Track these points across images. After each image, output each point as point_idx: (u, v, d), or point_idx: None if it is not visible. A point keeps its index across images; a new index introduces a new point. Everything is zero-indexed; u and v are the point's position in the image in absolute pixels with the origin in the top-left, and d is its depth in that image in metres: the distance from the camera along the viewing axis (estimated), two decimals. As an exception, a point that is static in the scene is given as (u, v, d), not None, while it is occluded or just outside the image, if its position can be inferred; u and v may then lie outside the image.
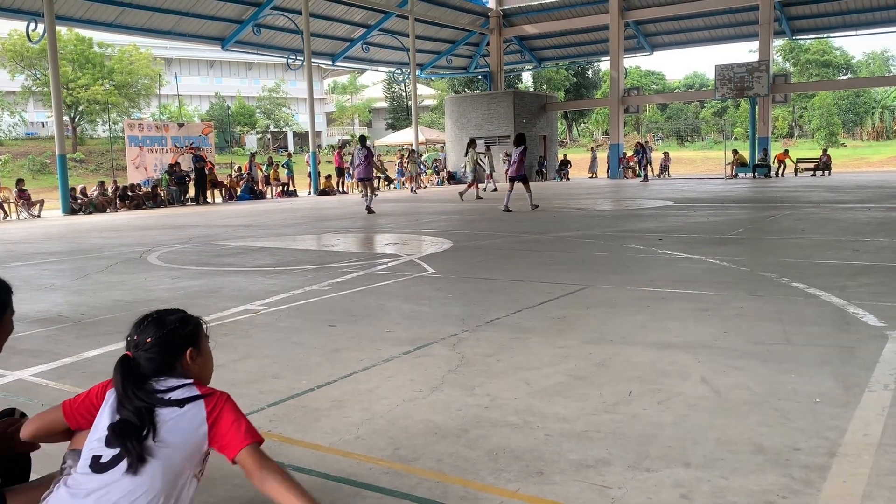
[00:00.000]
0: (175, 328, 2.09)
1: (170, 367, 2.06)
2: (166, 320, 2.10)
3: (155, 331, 2.07)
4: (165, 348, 2.05)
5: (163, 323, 2.09)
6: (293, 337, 4.61)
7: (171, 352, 2.06)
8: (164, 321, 2.09)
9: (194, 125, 28.92)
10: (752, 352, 3.90)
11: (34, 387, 3.77)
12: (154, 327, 2.08)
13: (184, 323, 2.12)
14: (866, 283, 5.73)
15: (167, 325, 2.08)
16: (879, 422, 2.85)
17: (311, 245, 10.35)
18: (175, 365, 2.07)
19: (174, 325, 2.09)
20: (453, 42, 37.66)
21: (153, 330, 2.07)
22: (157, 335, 2.06)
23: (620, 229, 10.73)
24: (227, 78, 66.11)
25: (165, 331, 2.07)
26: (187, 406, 1.96)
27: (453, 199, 20.52)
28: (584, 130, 67.80)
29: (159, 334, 2.06)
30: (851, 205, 13.74)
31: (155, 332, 2.06)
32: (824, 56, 58.89)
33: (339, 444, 2.84)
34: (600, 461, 2.59)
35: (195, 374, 2.10)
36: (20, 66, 40.62)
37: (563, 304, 5.35)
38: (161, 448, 1.89)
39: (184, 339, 2.09)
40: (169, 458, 1.89)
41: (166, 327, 2.08)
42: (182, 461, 1.92)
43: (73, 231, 14.18)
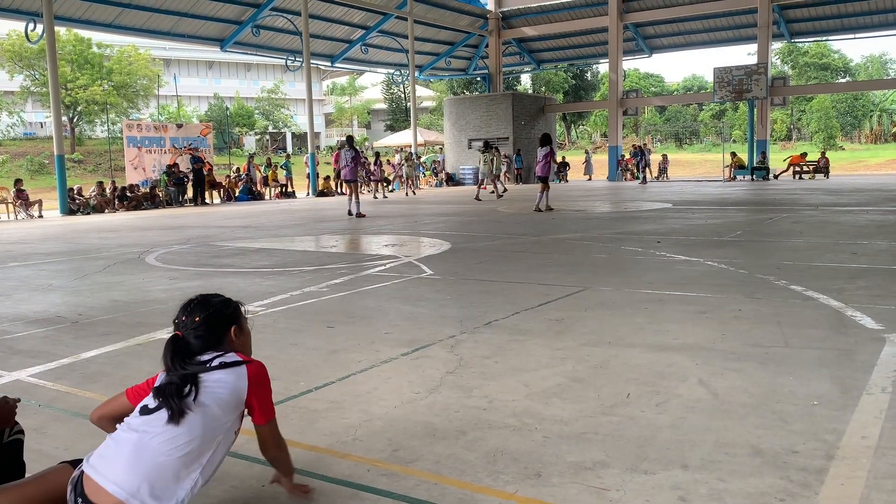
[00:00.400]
0: (220, 308, 2.32)
1: (217, 343, 2.27)
2: (211, 301, 2.32)
3: (202, 311, 2.28)
4: (213, 326, 2.27)
5: (208, 304, 2.31)
6: (291, 338, 4.60)
7: (217, 329, 2.28)
8: (209, 302, 2.32)
9: (193, 126, 28.91)
10: (749, 354, 3.90)
11: (32, 387, 3.76)
12: (201, 308, 2.29)
13: (227, 304, 2.35)
14: (864, 286, 5.74)
15: (212, 305, 2.31)
16: (877, 424, 2.86)
17: (309, 246, 10.35)
18: (221, 341, 2.28)
19: (219, 306, 2.32)
20: (452, 44, 37.68)
21: (200, 310, 2.28)
22: (205, 314, 2.28)
23: (619, 231, 10.73)
24: (226, 79, 66.12)
25: (212, 310, 2.29)
26: (230, 369, 2.19)
27: (452, 201, 20.53)
28: (582, 132, 67.84)
29: (206, 313, 2.28)
30: (849, 208, 13.76)
31: (202, 312, 2.28)
32: (823, 59, 58.96)
33: (337, 445, 2.84)
34: (598, 463, 2.59)
35: (238, 349, 2.32)
36: (19, 66, 40.60)
37: (562, 305, 5.35)
38: (201, 406, 2.10)
39: (228, 318, 2.32)
40: (209, 414, 2.11)
41: (212, 307, 2.30)
42: (222, 417, 2.13)
43: (71, 231, 14.16)
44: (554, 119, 39.00)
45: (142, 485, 1.98)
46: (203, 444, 2.09)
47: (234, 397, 2.17)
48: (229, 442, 2.20)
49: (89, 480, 2.02)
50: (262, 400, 2.23)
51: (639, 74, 66.50)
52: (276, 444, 2.30)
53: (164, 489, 2.01)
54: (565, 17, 35.67)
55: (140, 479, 1.99)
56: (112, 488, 1.98)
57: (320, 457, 2.74)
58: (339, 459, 2.71)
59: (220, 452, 2.17)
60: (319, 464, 2.68)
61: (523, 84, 60.62)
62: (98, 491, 1.99)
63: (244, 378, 2.20)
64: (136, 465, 2.00)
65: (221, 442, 2.15)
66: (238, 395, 2.18)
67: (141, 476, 1.99)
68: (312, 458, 2.72)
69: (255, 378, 2.22)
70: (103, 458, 2.06)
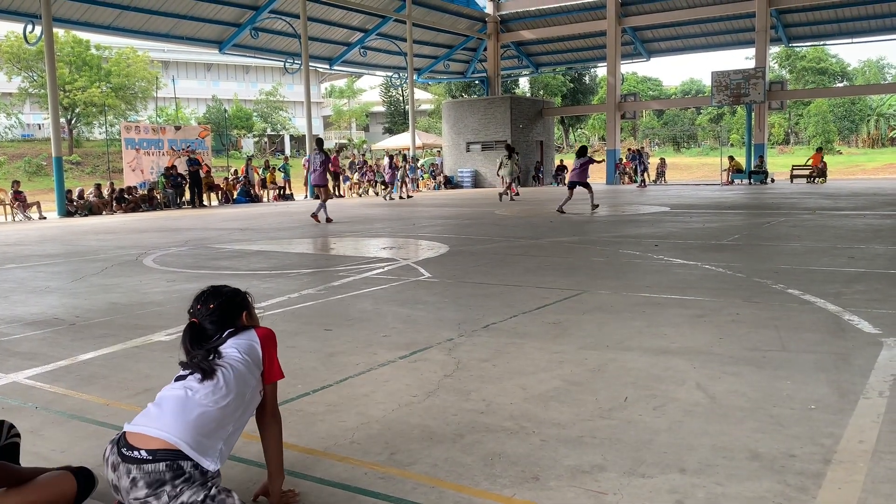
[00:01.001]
0: (231, 296, 2.52)
1: (231, 327, 2.45)
2: (222, 291, 2.52)
3: (215, 299, 2.47)
4: (226, 312, 2.46)
5: (220, 293, 2.50)
6: (288, 341, 4.60)
7: (230, 314, 2.46)
8: (220, 292, 2.51)
9: (191, 128, 28.88)
10: (747, 358, 3.90)
11: (29, 389, 3.75)
12: (214, 297, 2.48)
13: (237, 292, 2.55)
14: (861, 291, 5.75)
15: (224, 294, 2.51)
16: (874, 429, 2.86)
17: (307, 249, 10.35)
18: (235, 325, 2.46)
19: (230, 294, 2.52)
20: (451, 47, 37.71)
21: (214, 298, 2.47)
22: (219, 301, 2.47)
23: (616, 234, 10.74)
24: (225, 81, 66.17)
25: (224, 298, 2.49)
26: (242, 333, 2.43)
27: (450, 204, 20.54)
28: (580, 136, 67.91)
29: (220, 301, 2.47)
30: (847, 212, 13.78)
31: (216, 300, 2.47)
32: (820, 63, 59.12)
33: (335, 448, 2.84)
34: (596, 467, 2.59)
35: None
36: (17, 67, 40.60)
37: (559, 309, 5.35)
38: (228, 365, 2.30)
39: (239, 305, 2.51)
40: (236, 371, 2.30)
41: (224, 296, 2.50)
42: (247, 374, 2.32)
43: (69, 233, 14.14)
44: (552, 122, 39.05)
45: (188, 431, 2.14)
46: (237, 399, 2.27)
47: (253, 355, 2.38)
48: (256, 402, 2.39)
49: (133, 435, 2.16)
50: (271, 359, 2.43)
51: (637, 78, 66.62)
52: (273, 411, 2.45)
53: (207, 438, 2.18)
54: (564, 20, 35.73)
55: (187, 427, 2.15)
56: (161, 434, 2.13)
57: (317, 459, 2.74)
58: (336, 462, 2.71)
59: (249, 412, 2.37)
60: (316, 466, 2.67)
61: (521, 87, 60.70)
62: (145, 440, 2.13)
63: (256, 338, 2.43)
64: (183, 414, 2.17)
65: (250, 401, 2.35)
66: (255, 353, 2.39)
67: (188, 424, 2.16)
68: (309, 461, 2.72)
69: (265, 338, 2.44)
70: (148, 416, 2.21)
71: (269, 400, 2.45)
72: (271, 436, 2.43)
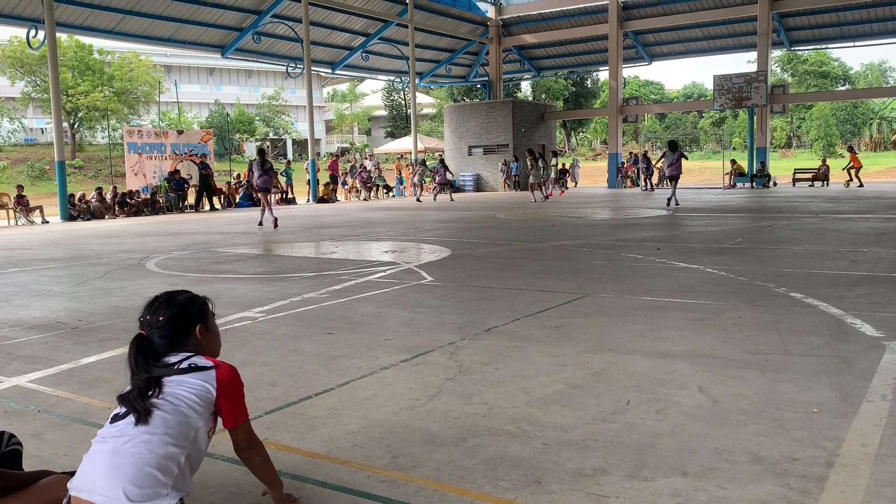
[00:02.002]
0: (185, 306, 2.28)
1: (181, 343, 2.24)
2: (176, 300, 2.28)
3: (166, 309, 2.25)
4: (177, 325, 2.24)
5: (173, 302, 2.27)
6: (291, 344, 4.60)
7: (182, 328, 2.24)
8: (173, 300, 2.27)
9: (193, 132, 28.95)
10: (749, 361, 3.90)
11: (31, 393, 3.76)
12: (165, 306, 2.25)
13: (192, 301, 2.31)
14: (864, 294, 5.74)
15: (177, 303, 2.27)
16: (877, 432, 2.85)
17: (309, 252, 10.35)
18: (186, 340, 2.25)
19: (184, 304, 2.28)
20: (453, 51, 37.77)
21: (164, 309, 2.25)
22: (169, 313, 2.24)
23: (618, 238, 10.74)
24: (227, 85, 66.28)
25: (176, 309, 2.25)
26: (199, 373, 2.16)
27: (452, 208, 20.55)
28: (582, 140, 67.95)
29: (170, 312, 2.24)
30: (849, 215, 13.77)
31: (166, 311, 2.24)
32: (822, 67, 59.12)
33: (337, 452, 2.84)
34: (598, 470, 2.59)
35: (205, 348, 2.29)
36: (20, 72, 40.72)
37: (561, 312, 5.35)
38: (169, 404, 2.08)
39: (193, 316, 2.28)
40: (179, 413, 2.08)
41: (176, 306, 2.26)
42: (193, 417, 2.10)
43: (71, 237, 14.17)
44: (554, 126, 39.05)
45: (127, 487, 1.95)
46: (178, 442, 2.05)
47: (204, 400, 2.13)
48: (205, 442, 2.18)
49: (76, 500, 2.00)
50: (231, 403, 2.20)
51: (639, 82, 66.67)
52: (248, 445, 2.28)
53: (151, 486, 1.97)
54: (565, 24, 35.76)
55: (124, 483, 1.95)
56: (99, 499, 1.95)
57: (319, 463, 2.74)
58: (339, 466, 2.70)
59: (197, 452, 2.14)
60: (318, 470, 2.67)
61: (523, 91, 60.76)
62: None
63: (213, 382, 2.16)
64: (117, 471, 1.97)
65: (195, 440, 2.11)
66: (207, 399, 2.14)
67: (125, 479, 1.96)
68: (312, 465, 2.72)
69: (224, 383, 2.18)
70: (83, 476, 2.03)
71: (239, 441, 2.25)
72: (253, 465, 2.30)
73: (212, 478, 2.62)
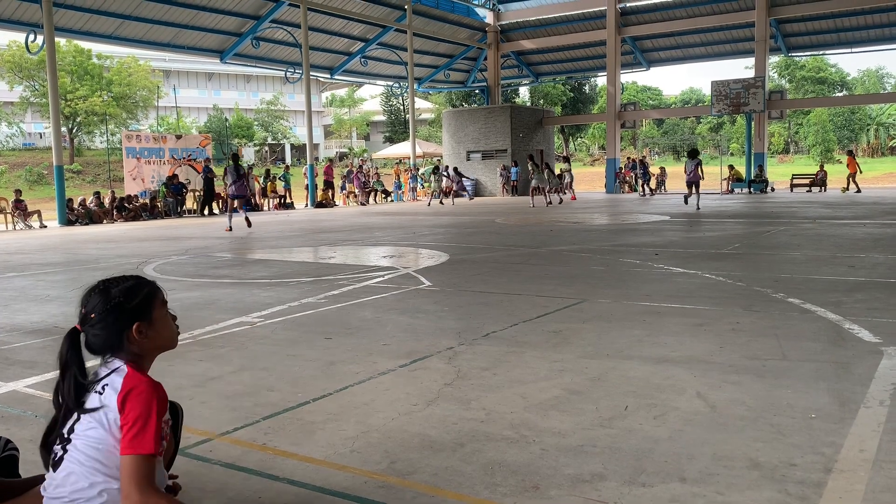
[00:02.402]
0: (120, 302, 1.96)
1: (117, 343, 1.96)
2: (111, 292, 1.97)
3: (100, 304, 1.95)
4: (110, 324, 1.94)
5: (107, 296, 1.96)
6: (289, 349, 4.60)
7: (116, 328, 1.94)
8: (108, 294, 1.97)
9: (192, 137, 28.96)
10: (747, 367, 3.90)
11: (29, 398, 3.75)
12: (98, 300, 1.96)
13: (131, 294, 1.98)
14: (862, 300, 5.74)
15: (111, 298, 1.96)
16: (875, 438, 2.85)
17: (307, 257, 10.35)
18: (121, 340, 1.96)
19: (119, 299, 1.96)
20: (451, 56, 37.84)
21: (98, 303, 1.95)
22: (102, 310, 1.94)
23: (616, 243, 10.75)
24: (226, 90, 66.37)
25: (110, 305, 1.95)
26: (106, 392, 1.89)
27: (451, 212, 20.56)
28: (580, 145, 68.05)
29: (104, 308, 1.94)
30: (847, 221, 13.79)
31: (100, 307, 1.95)
32: (819, 73, 59.33)
33: (335, 457, 2.83)
34: (596, 476, 2.58)
35: (145, 347, 2.00)
36: (19, 76, 40.75)
37: (559, 317, 5.35)
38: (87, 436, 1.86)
39: (130, 314, 1.96)
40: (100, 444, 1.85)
41: (111, 301, 1.95)
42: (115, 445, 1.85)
43: (69, 242, 14.15)
44: (552, 132, 39.12)
45: None
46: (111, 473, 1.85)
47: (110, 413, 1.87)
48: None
49: None
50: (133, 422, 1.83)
51: (637, 87, 66.84)
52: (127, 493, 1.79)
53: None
54: (563, 30, 35.86)
55: None
56: None
57: (317, 468, 2.73)
58: (336, 471, 2.70)
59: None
60: (316, 475, 2.67)
61: (521, 97, 60.89)
62: None
63: (117, 386, 1.88)
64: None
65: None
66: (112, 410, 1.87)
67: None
68: (309, 470, 2.71)
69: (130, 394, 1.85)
70: None
71: (125, 480, 1.79)
72: None
73: (209, 483, 2.62)
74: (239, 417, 3.31)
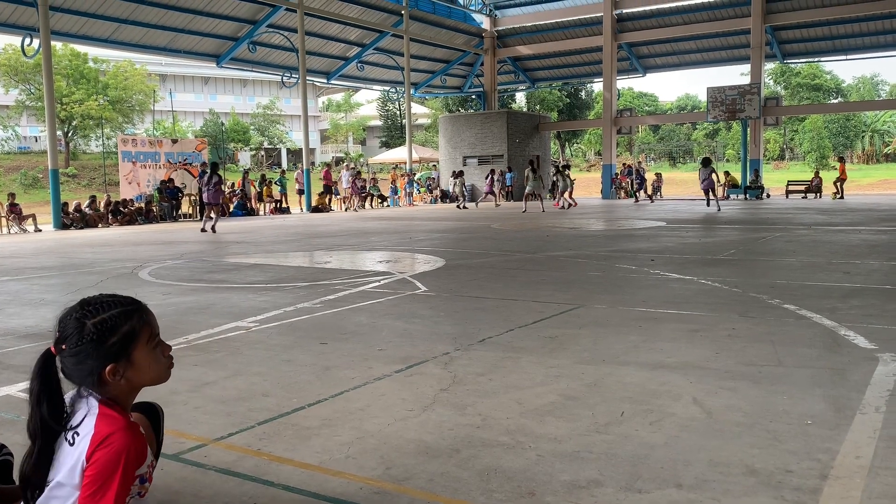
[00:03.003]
0: (93, 338, 1.71)
1: (88, 379, 1.74)
2: (85, 327, 1.72)
3: (72, 337, 1.72)
4: (81, 360, 1.72)
5: (81, 331, 1.72)
6: (284, 355, 4.58)
7: (86, 367, 1.72)
8: (82, 328, 1.72)
9: (188, 141, 28.92)
10: (743, 373, 3.90)
11: (23, 403, 3.72)
12: (72, 332, 1.72)
13: (107, 332, 1.73)
14: (857, 306, 5.75)
15: (85, 334, 1.71)
16: (871, 444, 2.85)
17: (303, 262, 10.33)
18: (93, 378, 1.74)
19: (93, 335, 1.71)
20: (448, 62, 37.89)
21: (71, 336, 1.72)
22: (73, 345, 1.71)
23: (612, 249, 10.75)
24: (222, 95, 66.39)
25: (83, 341, 1.71)
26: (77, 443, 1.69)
27: (448, 217, 20.56)
28: (576, 151, 68.18)
29: (76, 342, 1.71)
30: (842, 227, 13.83)
31: (71, 341, 1.71)
32: (815, 80, 59.58)
33: (330, 463, 2.82)
34: (592, 482, 2.58)
35: (121, 390, 1.78)
36: (14, 80, 40.72)
37: (556, 323, 5.35)
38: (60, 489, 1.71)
39: (105, 354, 1.73)
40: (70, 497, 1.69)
41: (84, 337, 1.71)
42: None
43: (64, 246, 14.11)
44: (548, 137, 39.19)
45: None
46: None
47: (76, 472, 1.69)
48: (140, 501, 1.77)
49: None
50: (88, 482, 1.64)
51: (633, 93, 67.07)
52: None
53: None
54: (560, 36, 35.96)
55: None
56: None
57: (312, 474, 2.72)
58: (331, 477, 2.69)
59: None
60: (311, 481, 2.65)
61: (518, 102, 61.02)
62: None
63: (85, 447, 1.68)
64: None
65: None
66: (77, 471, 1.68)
67: None
68: (304, 476, 2.70)
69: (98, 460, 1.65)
70: None
71: None
72: None
73: (204, 489, 2.60)
74: (233, 423, 3.29)
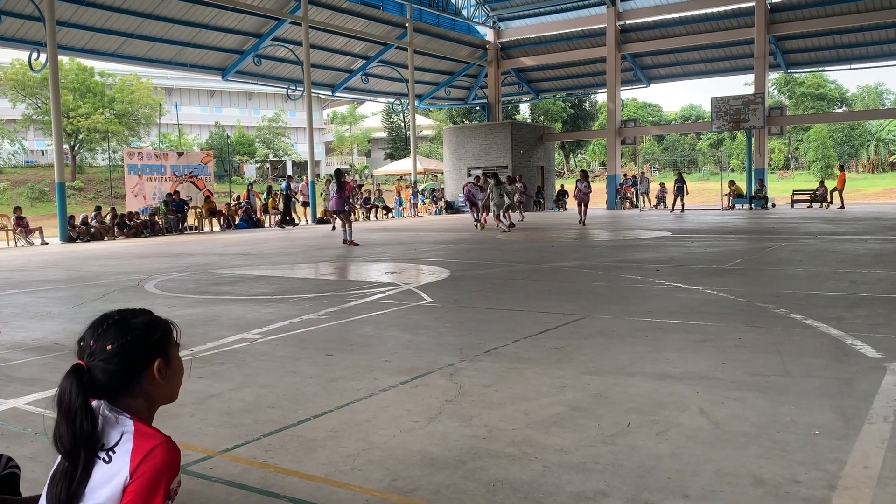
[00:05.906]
0: (142, 333, 1.74)
1: (131, 382, 1.73)
2: (130, 324, 1.75)
3: (117, 336, 1.72)
4: (129, 359, 1.71)
5: (126, 327, 1.74)
6: (290, 366, 4.58)
7: (135, 363, 1.72)
8: (127, 325, 1.74)
9: (194, 154, 29.06)
10: (750, 383, 3.88)
11: (28, 415, 3.74)
12: (115, 332, 1.73)
13: (152, 327, 1.78)
14: (864, 315, 5.73)
15: (132, 329, 1.74)
16: (879, 454, 2.84)
17: (308, 274, 10.35)
18: (138, 380, 1.74)
19: (141, 330, 1.75)
20: (452, 73, 38.03)
21: (114, 335, 1.72)
22: (120, 342, 1.71)
23: (618, 259, 10.74)
24: (227, 107, 66.63)
25: (130, 337, 1.72)
26: (114, 458, 1.65)
27: (452, 229, 20.56)
28: (581, 161, 68.21)
29: (122, 341, 1.71)
30: (848, 236, 13.79)
31: (117, 339, 1.71)
32: (819, 89, 59.53)
33: (335, 474, 2.82)
34: (599, 493, 2.57)
35: (161, 391, 1.79)
36: (21, 94, 40.94)
37: (561, 333, 5.34)
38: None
39: (152, 348, 1.75)
40: None
41: (131, 332, 1.73)
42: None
43: (71, 259, 14.16)
44: (552, 148, 39.23)
45: None
46: None
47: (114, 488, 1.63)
48: None
49: None
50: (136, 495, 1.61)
51: (637, 104, 67.09)
52: None
53: None
54: (563, 47, 36.06)
55: None
56: None
57: (318, 486, 2.72)
58: (338, 489, 2.68)
59: None
60: (317, 493, 2.65)
61: (522, 113, 61.13)
62: None
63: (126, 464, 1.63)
64: None
65: None
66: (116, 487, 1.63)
67: None
68: (310, 488, 2.70)
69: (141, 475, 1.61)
70: None
71: None
72: None
73: (210, 501, 2.60)
74: (239, 434, 3.29)
